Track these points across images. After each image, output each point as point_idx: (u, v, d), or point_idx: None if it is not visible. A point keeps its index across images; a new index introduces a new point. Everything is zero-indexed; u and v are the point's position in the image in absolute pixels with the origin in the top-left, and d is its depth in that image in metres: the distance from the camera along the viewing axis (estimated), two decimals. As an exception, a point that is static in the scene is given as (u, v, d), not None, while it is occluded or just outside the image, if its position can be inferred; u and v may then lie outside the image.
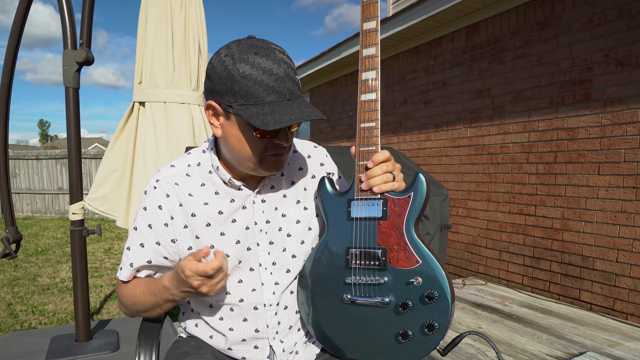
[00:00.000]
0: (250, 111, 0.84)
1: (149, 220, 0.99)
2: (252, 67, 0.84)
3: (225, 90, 0.86)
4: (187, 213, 0.98)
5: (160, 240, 0.99)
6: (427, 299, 0.89)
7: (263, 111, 0.84)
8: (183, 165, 1.02)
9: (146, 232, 0.99)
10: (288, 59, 0.88)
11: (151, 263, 1.00)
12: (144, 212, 1.00)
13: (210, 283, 0.86)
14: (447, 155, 4.41)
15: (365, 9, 0.95)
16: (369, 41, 0.95)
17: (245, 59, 0.84)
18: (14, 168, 9.66)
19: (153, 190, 0.99)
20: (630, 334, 2.68)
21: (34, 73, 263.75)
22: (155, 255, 1.00)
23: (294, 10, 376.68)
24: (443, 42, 4.43)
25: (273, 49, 0.87)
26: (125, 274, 1.01)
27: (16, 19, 2.27)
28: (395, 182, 0.93)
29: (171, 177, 1.00)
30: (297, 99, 0.89)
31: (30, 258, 5.57)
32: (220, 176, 0.99)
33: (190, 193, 0.99)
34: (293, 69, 0.89)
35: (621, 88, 2.95)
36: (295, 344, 1.06)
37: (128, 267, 1.01)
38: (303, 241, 1.04)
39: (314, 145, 1.15)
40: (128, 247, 1.01)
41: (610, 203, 3.03)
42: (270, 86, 0.84)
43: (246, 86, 0.84)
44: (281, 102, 0.86)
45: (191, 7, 2.32)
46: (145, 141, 2.27)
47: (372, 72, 0.95)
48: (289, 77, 0.86)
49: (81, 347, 2.32)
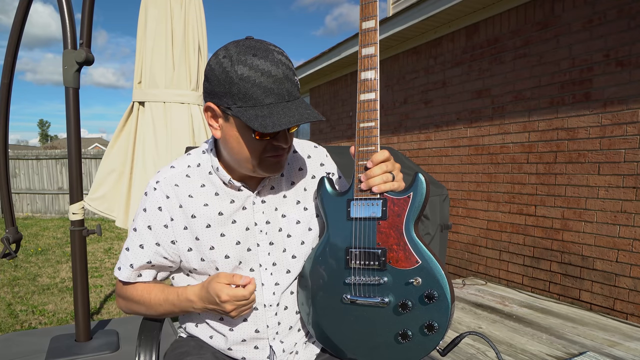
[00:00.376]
0: (249, 113, 0.84)
1: (148, 222, 0.99)
2: (250, 69, 0.83)
3: (223, 92, 0.86)
4: (187, 214, 0.98)
5: (160, 241, 0.99)
6: (427, 299, 0.89)
7: (262, 113, 0.84)
8: (183, 166, 1.02)
9: (146, 233, 0.99)
10: (286, 59, 0.88)
11: (151, 264, 1.00)
12: (144, 213, 0.99)
13: (242, 308, 0.92)
14: (447, 155, 4.41)
15: (364, 8, 0.95)
16: (368, 40, 0.95)
17: (243, 61, 0.84)
18: (14, 168, 9.66)
19: (153, 191, 0.99)
20: (630, 334, 2.68)
21: (34, 73, 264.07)
22: (154, 256, 0.99)
23: (294, 10, 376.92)
24: (443, 42, 4.43)
25: (271, 50, 0.86)
26: (125, 275, 1.01)
27: (16, 19, 2.27)
28: (394, 182, 0.93)
29: (171, 178, 1.00)
30: (296, 100, 0.88)
31: (30, 258, 5.57)
32: (220, 177, 0.99)
33: (190, 194, 0.99)
34: (291, 69, 0.88)
35: (621, 88, 2.95)
36: (295, 344, 1.06)
37: (128, 267, 1.00)
38: (303, 242, 1.04)
39: (314, 146, 1.14)
40: (127, 247, 1.01)
41: (610, 203, 3.03)
42: (269, 88, 0.84)
43: (244, 88, 0.84)
44: (280, 104, 0.85)
45: (191, 7, 2.32)
46: (145, 141, 2.27)
47: (371, 72, 0.95)
48: (288, 79, 0.86)
49: (81, 347, 2.32)
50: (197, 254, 0.99)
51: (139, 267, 1.01)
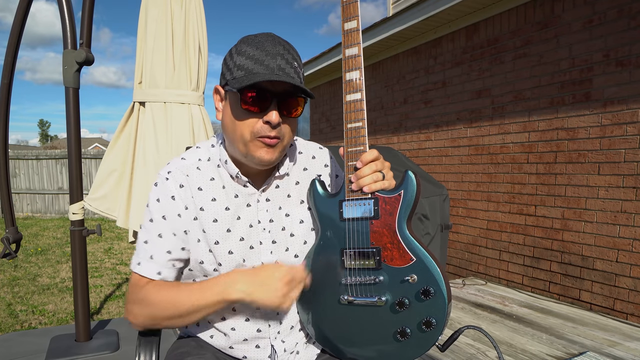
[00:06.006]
0: (236, 80, 0.89)
1: (163, 212, 0.97)
2: (249, 46, 0.90)
3: (225, 71, 0.94)
4: (197, 206, 0.98)
5: (176, 231, 0.98)
6: (423, 295, 0.89)
7: (247, 80, 0.87)
8: (194, 158, 1.02)
9: (161, 223, 0.97)
10: (290, 47, 0.92)
11: (171, 254, 0.97)
12: (157, 203, 0.98)
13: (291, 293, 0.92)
14: (447, 155, 4.42)
15: (345, 9, 0.95)
16: (350, 41, 0.95)
17: (248, 42, 0.91)
18: (14, 168, 9.67)
19: (165, 181, 0.98)
20: (630, 334, 2.68)
21: (35, 72, 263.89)
22: (173, 246, 0.98)
23: (297, 9, 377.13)
24: (443, 42, 4.43)
25: (279, 39, 0.92)
26: (146, 269, 0.96)
27: (16, 18, 2.27)
28: (385, 181, 0.93)
29: (182, 168, 1.00)
30: (287, 76, 0.90)
31: (30, 258, 5.57)
32: (228, 170, 0.99)
33: (200, 187, 0.99)
34: (291, 54, 0.91)
35: (621, 88, 2.95)
36: (296, 344, 1.06)
37: (148, 259, 0.97)
38: (306, 241, 1.04)
39: (319, 147, 1.15)
40: (145, 240, 0.98)
41: (610, 203, 3.03)
42: (260, 60, 0.88)
43: (239, 60, 0.90)
44: (267, 75, 0.87)
45: (191, 7, 2.32)
46: (145, 141, 2.27)
47: (355, 72, 0.95)
48: (282, 56, 0.89)
49: (81, 347, 2.32)
50: (205, 246, 0.99)
51: (160, 261, 0.97)
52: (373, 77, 5.48)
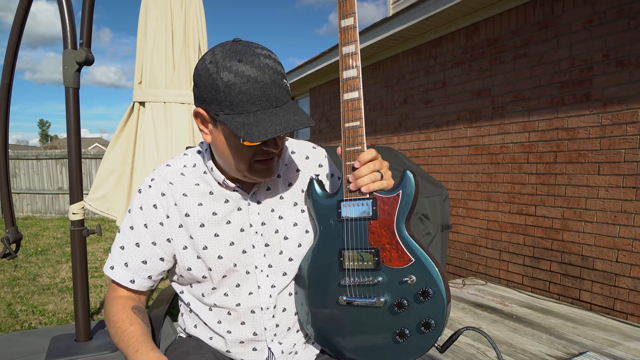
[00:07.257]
0: (236, 121, 0.82)
1: (144, 220, 0.98)
2: (235, 76, 0.82)
3: (211, 99, 0.85)
4: (181, 213, 0.98)
5: (156, 240, 0.98)
6: (422, 296, 0.88)
7: (248, 121, 0.82)
8: (179, 165, 1.02)
9: (142, 231, 0.98)
10: (274, 62, 0.85)
11: (146, 264, 0.99)
12: (140, 211, 0.98)
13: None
14: (447, 155, 4.41)
15: (342, 6, 0.93)
16: (348, 39, 0.93)
17: (229, 67, 0.82)
18: (14, 168, 9.67)
19: (148, 189, 0.99)
20: (630, 334, 2.68)
21: (35, 72, 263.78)
22: (151, 256, 0.98)
23: (297, 8, 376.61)
24: (443, 42, 4.43)
25: (258, 54, 0.84)
26: (118, 275, 0.99)
27: (16, 18, 2.27)
28: (383, 181, 0.92)
29: (166, 175, 1.00)
30: (285, 105, 0.86)
31: (30, 258, 5.57)
32: (215, 177, 0.99)
33: (184, 193, 0.99)
34: (279, 73, 0.85)
35: (621, 88, 2.95)
36: (294, 345, 1.05)
37: (123, 266, 0.99)
38: (300, 244, 1.03)
39: (313, 146, 1.13)
40: (122, 246, 0.99)
41: (610, 203, 3.03)
42: (255, 95, 0.82)
43: (230, 96, 0.82)
44: (267, 111, 0.84)
45: (191, 7, 2.32)
46: (145, 141, 2.27)
47: (353, 70, 0.94)
48: (275, 84, 0.84)
49: (81, 347, 2.32)
50: (192, 252, 0.98)
51: (134, 269, 0.98)
52: (373, 77, 5.48)
